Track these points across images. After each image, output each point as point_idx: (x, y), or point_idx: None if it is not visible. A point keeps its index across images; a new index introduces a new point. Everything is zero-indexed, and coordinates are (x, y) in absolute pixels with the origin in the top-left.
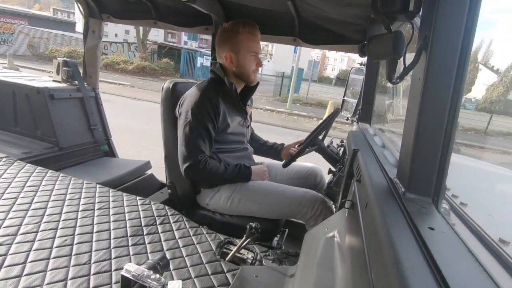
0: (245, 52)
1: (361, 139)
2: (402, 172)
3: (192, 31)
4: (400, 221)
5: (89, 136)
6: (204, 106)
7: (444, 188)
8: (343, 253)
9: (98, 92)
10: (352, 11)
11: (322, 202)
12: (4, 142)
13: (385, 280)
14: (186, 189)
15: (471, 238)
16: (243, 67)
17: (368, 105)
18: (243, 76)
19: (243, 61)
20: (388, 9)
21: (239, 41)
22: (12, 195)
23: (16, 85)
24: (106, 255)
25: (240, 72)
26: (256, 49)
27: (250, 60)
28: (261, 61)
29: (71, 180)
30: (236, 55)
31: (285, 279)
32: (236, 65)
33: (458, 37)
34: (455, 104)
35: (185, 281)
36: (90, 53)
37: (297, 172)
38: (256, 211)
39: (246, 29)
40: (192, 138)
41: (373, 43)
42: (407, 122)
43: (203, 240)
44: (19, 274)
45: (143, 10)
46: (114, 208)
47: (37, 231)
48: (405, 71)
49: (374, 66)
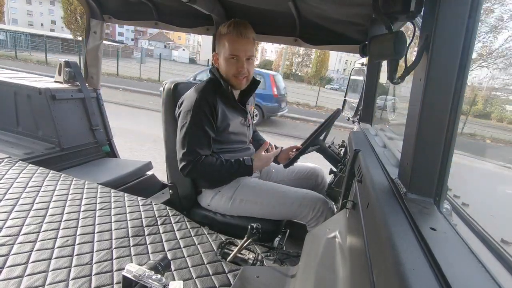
0: (225, 55)
1: (362, 139)
2: (403, 172)
3: (193, 32)
4: (401, 222)
5: (90, 136)
6: (201, 107)
7: (445, 188)
8: (344, 254)
9: (100, 93)
10: (353, 11)
11: (323, 203)
12: (6, 143)
13: (386, 280)
14: (187, 189)
15: (473, 238)
16: (223, 70)
17: (369, 105)
18: (227, 79)
19: (223, 64)
20: (389, 9)
21: (222, 43)
22: (14, 196)
23: (18, 86)
24: (108, 256)
25: (224, 75)
26: (236, 52)
27: (229, 63)
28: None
29: (73, 180)
30: (220, 57)
31: (286, 279)
32: (220, 67)
33: (459, 37)
34: (456, 104)
35: (187, 281)
36: (91, 54)
37: (298, 172)
38: (257, 212)
39: (232, 30)
40: (189, 139)
41: (374, 43)
42: (409, 122)
43: (204, 241)
44: (21, 275)
45: (144, 10)
46: (115, 209)
47: (38, 231)
48: (406, 71)
49: (375, 66)
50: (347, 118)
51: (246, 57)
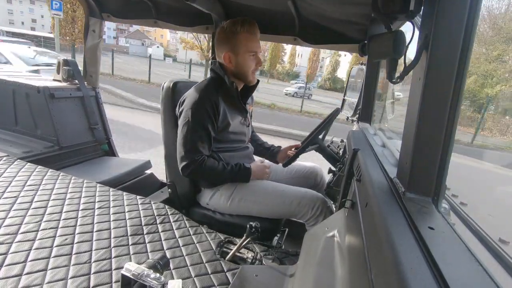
0: (244, 53)
1: (361, 138)
2: (402, 172)
3: (192, 31)
4: (400, 221)
5: (89, 135)
6: (203, 105)
7: (444, 187)
8: (343, 253)
9: (99, 92)
10: (353, 10)
11: (322, 202)
12: (4, 141)
13: (385, 279)
14: (186, 188)
15: (471, 238)
16: (242, 67)
17: (368, 104)
18: (242, 76)
19: (243, 61)
20: (388, 8)
21: (238, 41)
22: (12, 194)
23: (17, 84)
24: (106, 254)
25: (240, 72)
26: (255, 49)
27: (249, 60)
28: (260, 60)
29: (71, 179)
30: (235, 56)
31: (285, 278)
32: (235, 65)
33: (458, 37)
34: (455, 104)
35: (185, 280)
36: (90, 53)
37: (297, 171)
38: (256, 211)
39: (244, 29)
40: (190, 138)
41: (374, 43)
42: (407, 122)
43: (203, 239)
44: (19, 273)
45: (144, 9)
46: (114, 207)
47: (37, 230)
48: (405, 71)
49: (374, 65)
50: (346, 118)
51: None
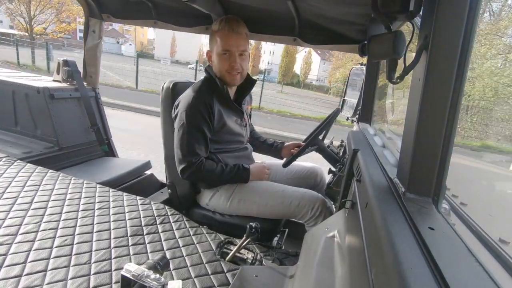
0: (217, 51)
1: (361, 139)
2: (402, 172)
3: (192, 31)
4: (400, 221)
5: (89, 135)
6: (197, 107)
7: (444, 188)
8: (343, 253)
9: (98, 92)
10: (352, 10)
11: (322, 202)
12: (4, 142)
13: (385, 279)
14: (186, 189)
15: (471, 238)
16: (216, 67)
17: (368, 105)
18: (220, 77)
19: (216, 61)
20: (388, 9)
21: (214, 39)
22: (12, 195)
23: (16, 85)
24: (106, 255)
25: (217, 72)
26: (227, 47)
27: (222, 59)
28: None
29: (71, 179)
30: (213, 54)
31: (285, 279)
32: (213, 64)
33: (458, 37)
34: (455, 104)
35: (185, 281)
36: (90, 53)
37: (297, 172)
38: (256, 211)
39: (223, 26)
40: (186, 141)
41: (373, 43)
42: (407, 122)
43: (203, 240)
44: (19, 274)
45: (143, 9)
46: (114, 208)
47: (37, 230)
48: (405, 71)
49: (374, 66)
50: (346, 118)
51: (239, 52)
